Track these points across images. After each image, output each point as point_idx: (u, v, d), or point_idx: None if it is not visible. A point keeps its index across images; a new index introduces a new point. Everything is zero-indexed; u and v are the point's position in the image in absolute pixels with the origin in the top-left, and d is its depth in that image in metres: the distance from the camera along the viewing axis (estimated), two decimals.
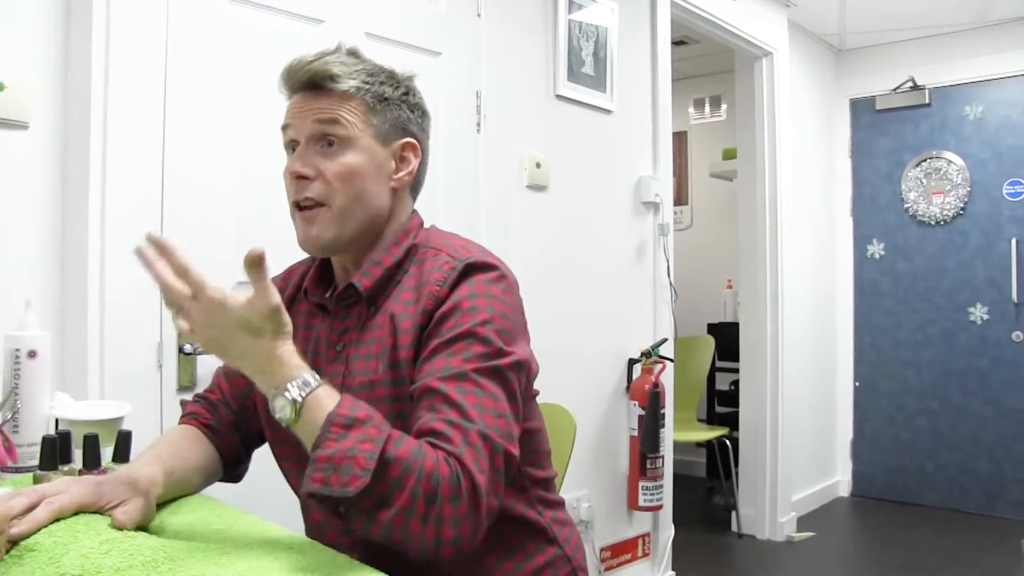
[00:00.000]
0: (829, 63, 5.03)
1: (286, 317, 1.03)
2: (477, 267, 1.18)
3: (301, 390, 1.01)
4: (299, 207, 1.24)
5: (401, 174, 1.28)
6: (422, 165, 1.32)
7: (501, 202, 2.74)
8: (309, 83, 1.22)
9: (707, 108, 5.78)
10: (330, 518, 1.08)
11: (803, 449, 4.56)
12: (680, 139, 5.57)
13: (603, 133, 3.22)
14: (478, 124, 2.65)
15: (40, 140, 1.82)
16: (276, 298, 1.01)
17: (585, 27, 3.11)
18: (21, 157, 1.79)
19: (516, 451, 1.09)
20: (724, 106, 5.65)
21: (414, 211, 1.33)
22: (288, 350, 1.03)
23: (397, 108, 1.27)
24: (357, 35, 2.25)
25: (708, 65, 5.39)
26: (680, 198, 5.66)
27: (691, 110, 5.80)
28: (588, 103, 3.13)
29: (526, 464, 1.26)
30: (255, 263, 1.00)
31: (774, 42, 4.24)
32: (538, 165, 2.91)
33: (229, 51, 2.04)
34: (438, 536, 0.98)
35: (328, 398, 1.02)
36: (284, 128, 1.26)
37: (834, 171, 5.05)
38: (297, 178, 1.22)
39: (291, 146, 1.26)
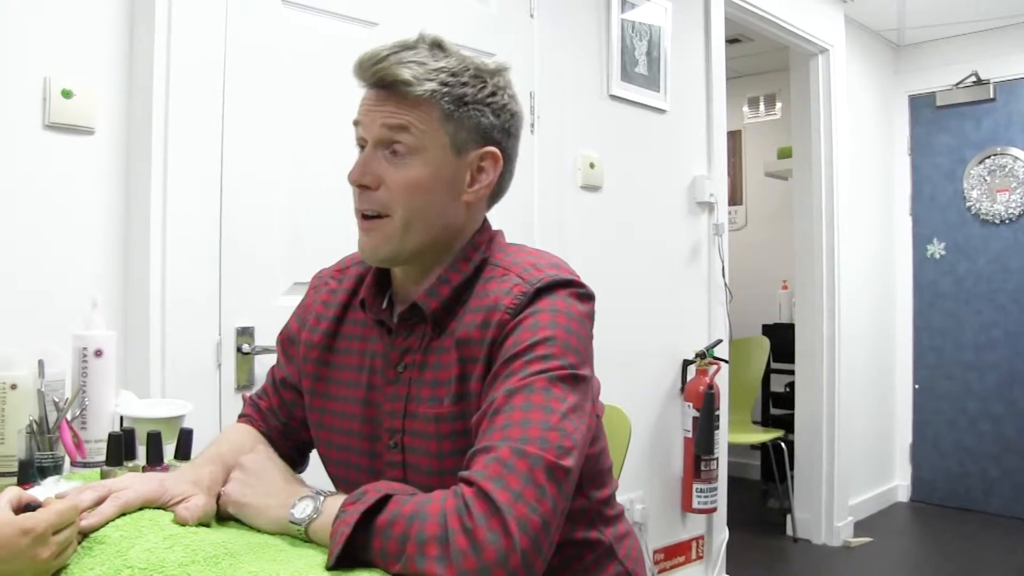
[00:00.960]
0: (887, 59, 4.94)
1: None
2: (547, 288, 1.11)
3: (316, 497, 1.05)
4: (362, 215, 1.17)
5: (477, 187, 1.17)
6: (505, 173, 1.21)
7: (555, 203, 2.74)
8: (380, 83, 1.13)
9: (761, 107, 5.71)
10: None
11: (860, 453, 4.48)
12: (734, 138, 5.51)
13: (657, 133, 3.20)
14: (532, 125, 2.65)
15: (105, 145, 1.87)
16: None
17: (638, 26, 3.10)
18: (88, 161, 1.84)
19: (568, 463, 0.99)
20: (779, 104, 5.58)
21: (485, 221, 1.24)
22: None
23: (478, 112, 1.15)
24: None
25: (762, 63, 5.33)
26: (734, 198, 5.60)
27: (745, 109, 5.74)
28: (642, 103, 3.12)
29: (589, 487, 1.21)
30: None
31: (830, 38, 4.17)
32: (592, 165, 2.90)
33: (285, 55, 2.08)
34: (463, 572, 0.90)
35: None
36: (355, 124, 1.18)
37: (892, 169, 4.96)
38: (360, 187, 1.16)
39: (361, 144, 1.18)
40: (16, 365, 1.45)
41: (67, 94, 1.79)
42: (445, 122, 1.13)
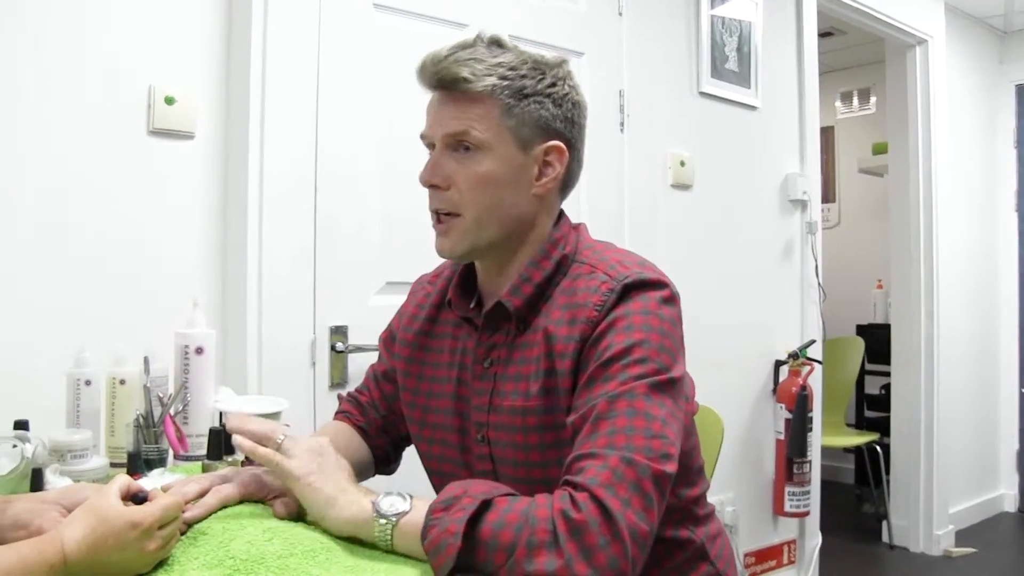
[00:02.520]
0: (992, 47, 4.73)
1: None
2: (635, 286, 1.11)
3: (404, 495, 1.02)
4: (436, 215, 1.20)
5: (544, 180, 1.18)
6: (573, 163, 1.22)
7: (645, 202, 2.73)
8: (440, 84, 1.16)
9: (855, 101, 5.56)
10: None
11: (961, 459, 4.31)
12: (827, 134, 5.37)
13: (748, 130, 3.16)
14: (621, 123, 2.64)
15: (205, 148, 1.93)
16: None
17: (728, 22, 3.05)
18: (188, 165, 1.91)
19: (671, 470, 1.01)
20: (873, 99, 5.42)
21: (562, 215, 1.25)
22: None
23: (539, 105, 1.16)
24: None
25: (856, 56, 5.19)
26: (827, 195, 5.46)
27: (838, 104, 5.60)
28: (732, 99, 3.08)
29: (679, 485, 1.20)
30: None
31: (930, 28, 4.03)
32: (682, 163, 2.87)
33: (376, 57, 2.11)
34: (575, 574, 0.90)
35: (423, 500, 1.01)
36: (423, 137, 1.22)
37: (997, 163, 4.75)
38: (431, 187, 1.19)
39: (429, 145, 1.21)
40: (124, 362, 1.52)
41: (170, 101, 1.86)
42: (507, 116, 1.14)
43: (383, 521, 0.99)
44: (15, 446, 1.27)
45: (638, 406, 1.02)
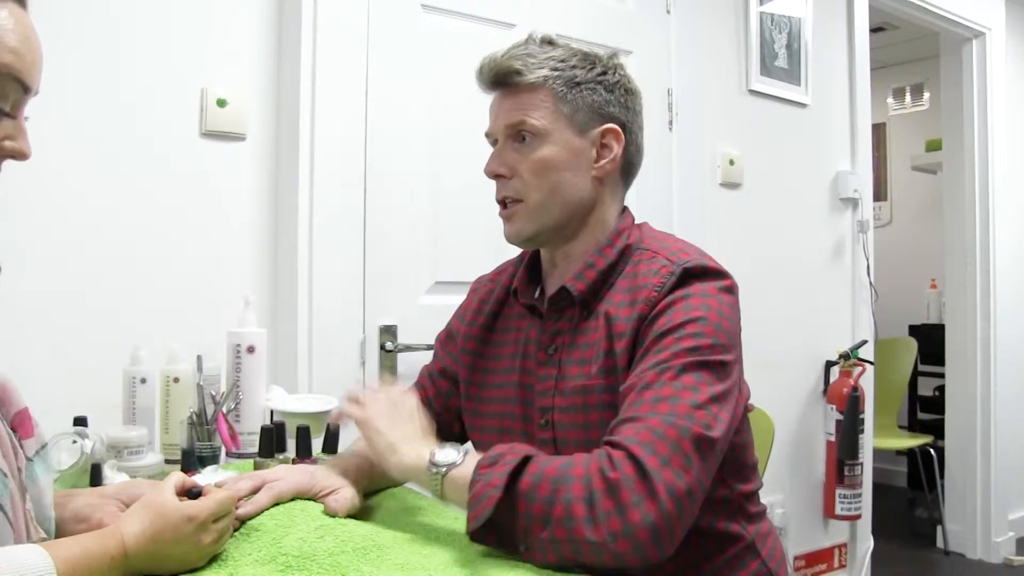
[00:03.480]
0: None
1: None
2: (696, 272, 1.14)
3: (459, 448, 1.06)
4: (502, 203, 1.25)
5: (603, 162, 1.23)
6: (631, 147, 1.26)
7: (694, 200, 2.72)
8: (497, 81, 1.23)
9: (908, 97, 5.47)
10: None
11: (1021, 464, 4.20)
12: (878, 131, 5.29)
13: (798, 128, 3.12)
14: (670, 122, 2.63)
15: (256, 150, 1.96)
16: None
17: (777, 19, 3.02)
18: (240, 166, 1.94)
19: (716, 435, 1.01)
20: (927, 94, 5.33)
21: (625, 209, 1.30)
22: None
23: (591, 91, 1.22)
24: None
25: (909, 51, 5.10)
26: (879, 193, 5.37)
27: (890, 100, 5.50)
28: (782, 97, 3.05)
29: (733, 478, 1.22)
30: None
31: (987, 20, 3.94)
32: (731, 162, 2.86)
33: (425, 58, 2.13)
34: (609, 533, 0.92)
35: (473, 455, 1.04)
36: (487, 135, 1.28)
37: None
38: (495, 177, 1.24)
39: (493, 143, 1.27)
40: (178, 360, 1.55)
41: (221, 103, 1.88)
42: (562, 104, 1.21)
43: (434, 470, 1.04)
44: (75, 442, 1.30)
45: (687, 380, 1.04)
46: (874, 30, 3.87)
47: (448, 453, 1.05)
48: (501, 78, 1.22)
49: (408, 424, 1.14)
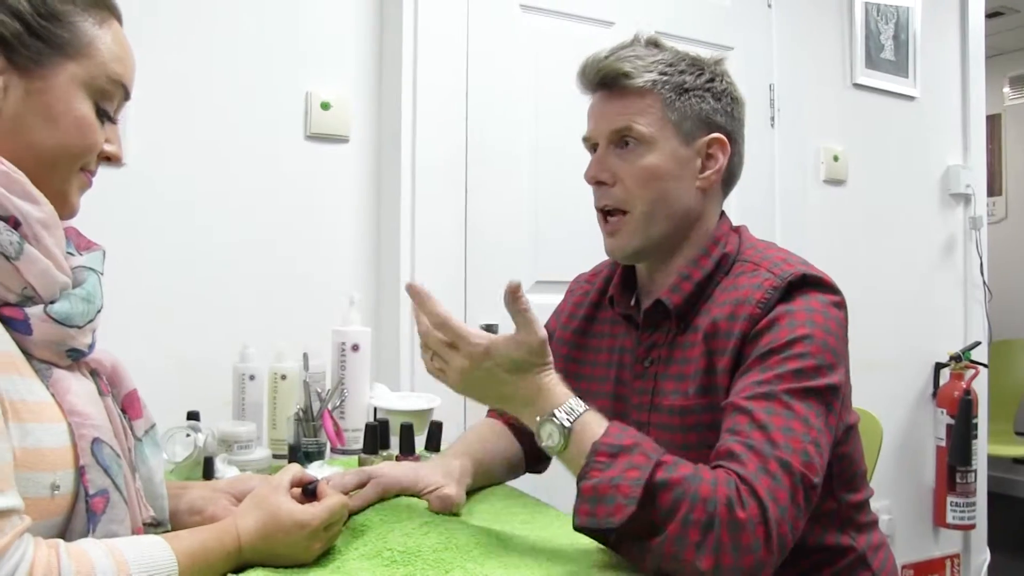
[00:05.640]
0: None
1: (549, 349, 1.01)
2: (800, 284, 1.09)
3: (568, 416, 0.98)
4: (602, 213, 1.21)
5: (708, 173, 1.18)
6: (734, 157, 1.21)
7: (797, 198, 2.67)
8: (602, 82, 1.18)
9: None
10: None
11: None
12: (993, 123, 5.06)
13: (906, 121, 3.03)
14: (772, 118, 2.58)
15: (358, 151, 2.01)
16: (542, 332, 0.99)
17: (884, 9, 2.92)
18: (343, 168, 1.99)
19: (818, 481, 0.96)
20: None
21: (723, 215, 1.24)
22: (553, 379, 1.01)
23: (699, 99, 1.17)
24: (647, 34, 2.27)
25: None
26: (993, 188, 5.14)
27: (1007, 90, 5.26)
28: (889, 90, 2.97)
29: (841, 490, 1.18)
30: (515, 298, 0.97)
31: None
32: (835, 158, 2.80)
33: (523, 58, 2.14)
34: (717, 566, 0.88)
35: (596, 424, 0.97)
36: (585, 139, 1.23)
37: None
38: (596, 183, 1.20)
39: (591, 148, 1.22)
40: (285, 357, 1.59)
41: (325, 106, 1.93)
42: (669, 111, 1.16)
43: (568, 416, 0.98)
44: (188, 435, 1.35)
45: (797, 409, 0.99)
46: (990, 15, 3.71)
47: (550, 431, 0.98)
48: (607, 80, 1.17)
49: (508, 376, 1.02)
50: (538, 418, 0.99)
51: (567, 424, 0.97)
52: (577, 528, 0.94)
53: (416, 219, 1.96)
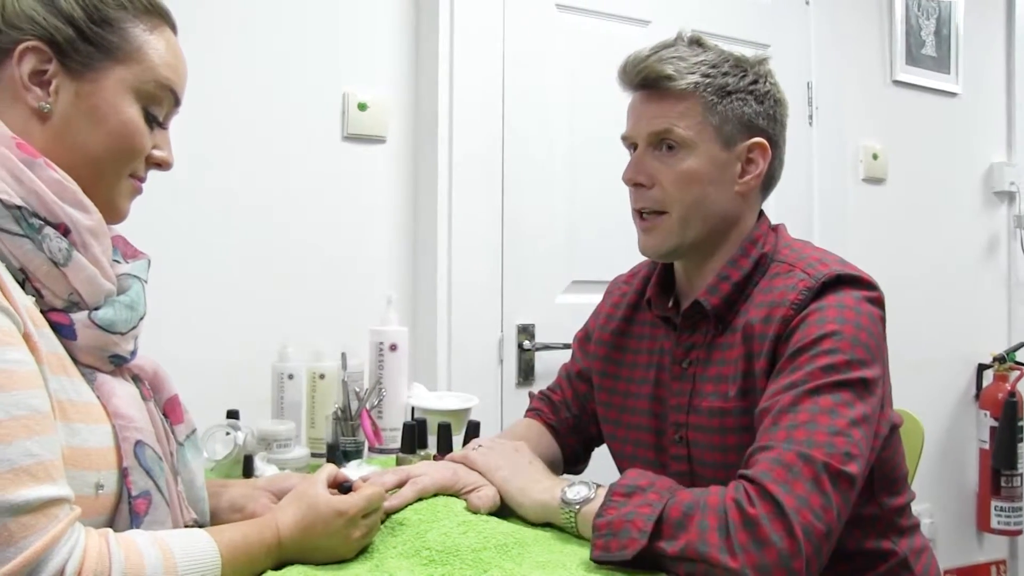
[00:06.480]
0: None
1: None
2: (835, 283, 1.08)
3: (587, 485, 1.05)
4: (639, 214, 1.20)
5: (748, 178, 1.18)
6: (775, 160, 1.21)
7: (835, 197, 2.64)
8: (643, 83, 1.17)
9: None
10: None
11: None
12: None
13: (947, 118, 2.99)
14: (810, 116, 2.56)
15: (395, 152, 2.01)
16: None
17: (925, 4, 2.88)
18: (380, 168, 1.99)
19: (853, 471, 0.95)
20: None
21: (761, 214, 1.24)
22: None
23: (741, 102, 1.16)
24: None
25: None
26: None
27: None
28: (930, 87, 2.93)
29: (882, 493, 1.17)
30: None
31: None
32: (875, 156, 2.77)
33: (560, 58, 2.14)
34: (744, 565, 0.88)
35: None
36: (624, 138, 1.23)
37: None
38: (634, 185, 1.19)
39: (631, 147, 1.22)
40: (323, 357, 1.60)
41: (362, 107, 1.94)
42: (710, 114, 1.15)
43: (567, 508, 1.03)
44: (228, 433, 1.36)
45: (823, 403, 0.98)
46: None
47: (579, 490, 1.04)
48: (648, 81, 1.16)
49: (531, 467, 1.15)
50: (562, 487, 1.06)
51: (592, 483, 1.05)
52: (594, 560, 0.96)
53: (453, 219, 1.96)
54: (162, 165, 0.93)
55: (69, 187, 0.82)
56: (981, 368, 3.05)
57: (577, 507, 1.02)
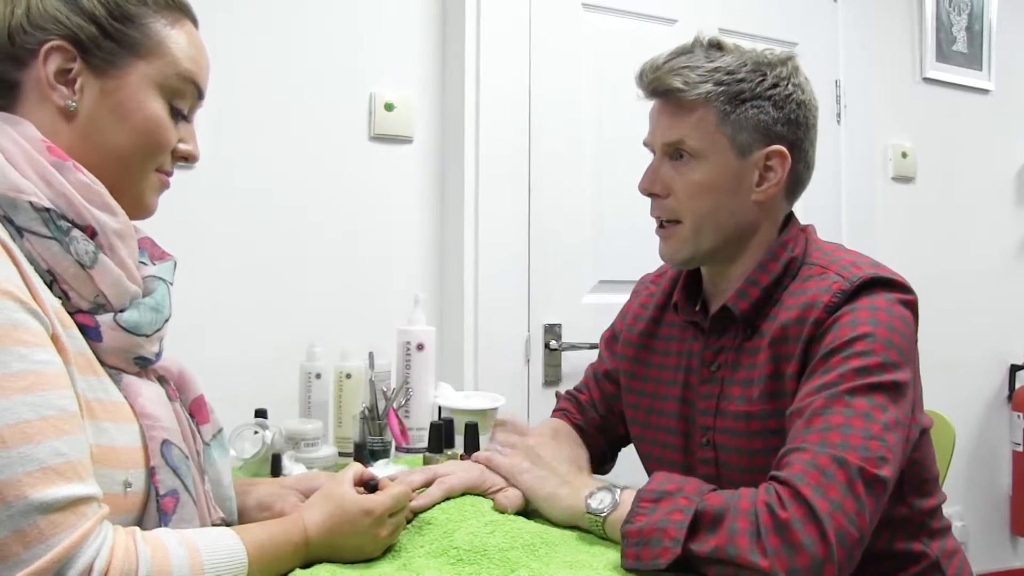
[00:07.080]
0: None
1: None
2: (868, 286, 1.07)
3: (612, 490, 1.05)
4: (658, 221, 1.20)
5: (766, 186, 1.16)
6: (798, 165, 1.18)
7: (864, 196, 2.62)
8: (655, 93, 1.17)
9: None
10: None
11: None
12: None
13: (979, 116, 2.95)
14: (838, 115, 2.54)
15: (422, 152, 2.02)
16: None
17: (956, 0, 2.84)
18: (407, 168, 2.00)
19: (887, 475, 0.94)
20: None
21: (791, 217, 1.22)
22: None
23: (758, 109, 1.13)
24: (710, 32, 2.23)
25: None
26: None
27: None
28: (961, 84, 2.89)
29: (913, 495, 1.15)
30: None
31: None
32: (904, 155, 2.74)
33: (586, 57, 2.14)
34: (774, 570, 0.87)
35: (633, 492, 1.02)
36: (646, 143, 1.23)
37: None
38: (649, 195, 1.20)
39: (653, 152, 1.21)
40: (350, 356, 1.60)
41: (389, 107, 1.95)
42: (723, 124, 1.13)
43: (592, 518, 1.04)
44: (256, 432, 1.37)
45: (857, 406, 0.97)
46: None
47: (602, 497, 1.04)
48: (660, 92, 1.16)
49: (556, 471, 1.14)
50: (587, 492, 1.06)
51: (615, 488, 1.05)
52: (626, 569, 0.95)
53: (479, 219, 1.96)
54: (188, 158, 0.94)
55: (97, 190, 0.83)
56: (1014, 369, 3.01)
57: (604, 516, 1.02)
